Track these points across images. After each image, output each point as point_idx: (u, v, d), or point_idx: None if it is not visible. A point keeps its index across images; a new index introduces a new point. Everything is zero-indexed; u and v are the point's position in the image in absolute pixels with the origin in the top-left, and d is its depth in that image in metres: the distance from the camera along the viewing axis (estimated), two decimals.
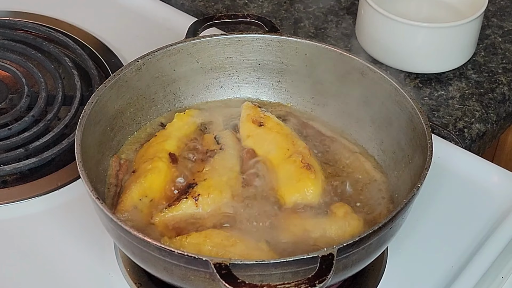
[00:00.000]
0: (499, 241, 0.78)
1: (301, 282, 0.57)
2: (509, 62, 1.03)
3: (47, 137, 0.86)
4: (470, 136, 0.93)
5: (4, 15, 1.05)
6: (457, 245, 0.78)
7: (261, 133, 0.79)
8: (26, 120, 0.88)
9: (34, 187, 0.82)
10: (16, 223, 0.79)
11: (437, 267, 0.76)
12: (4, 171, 0.83)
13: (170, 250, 0.60)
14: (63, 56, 0.98)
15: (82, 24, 1.05)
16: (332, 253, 0.59)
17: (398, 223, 0.66)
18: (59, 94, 0.91)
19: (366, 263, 0.66)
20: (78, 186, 0.82)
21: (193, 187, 0.73)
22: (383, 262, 0.76)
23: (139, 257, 0.65)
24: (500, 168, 0.87)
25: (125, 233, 0.63)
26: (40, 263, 0.75)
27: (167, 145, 0.78)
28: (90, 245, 0.77)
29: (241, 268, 0.59)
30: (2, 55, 0.98)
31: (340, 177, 0.77)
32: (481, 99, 0.97)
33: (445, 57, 1.00)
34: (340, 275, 0.64)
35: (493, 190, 0.84)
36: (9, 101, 0.93)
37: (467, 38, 1.00)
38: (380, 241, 0.64)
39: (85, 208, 0.78)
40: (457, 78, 1.00)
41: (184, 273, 0.62)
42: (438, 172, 0.83)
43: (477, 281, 0.74)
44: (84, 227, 0.78)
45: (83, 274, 0.75)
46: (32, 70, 0.95)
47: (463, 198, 0.84)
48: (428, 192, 0.80)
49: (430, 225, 0.80)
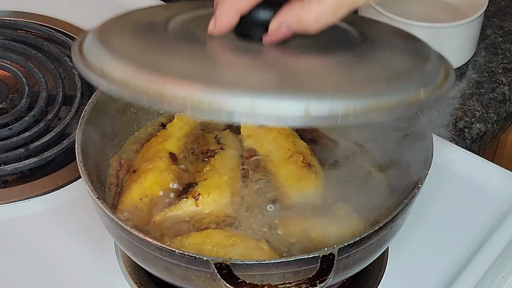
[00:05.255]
0: (500, 241, 0.78)
1: (301, 282, 0.57)
2: (509, 62, 1.03)
3: (48, 137, 0.86)
4: (470, 136, 0.93)
5: (4, 15, 1.05)
6: (458, 245, 0.78)
7: (262, 133, 0.79)
8: (26, 120, 0.88)
9: (34, 187, 0.82)
10: (16, 223, 0.79)
11: (437, 267, 0.76)
12: (5, 171, 0.83)
13: (171, 250, 0.60)
14: (63, 56, 0.98)
15: (82, 24, 1.05)
16: (333, 253, 0.59)
17: (399, 223, 0.66)
18: (60, 94, 0.91)
19: (366, 263, 0.66)
20: (79, 186, 0.82)
21: (193, 186, 0.73)
22: (384, 262, 0.76)
23: (139, 257, 0.65)
24: (501, 168, 0.87)
25: (125, 232, 0.63)
26: (40, 263, 0.75)
27: (167, 145, 0.78)
28: (91, 245, 0.77)
29: (241, 268, 0.59)
30: (3, 55, 0.98)
31: (341, 177, 0.77)
32: (481, 99, 0.97)
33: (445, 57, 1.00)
34: (341, 275, 0.64)
35: (493, 190, 0.84)
36: (9, 101, 0.93)
37: (467, 38, 1.00)
38: (381, 241, 0.65)
39: (86, 208, 0.78)
40: (458, 78, 1.01)
41: (184, 273, 0.62)
42: (438, 172, 0.83)
43: (477, 281, 0.74)
44: (84, 227, 0.78)
45: (83, 274, 0.75)
46: (32, 70, 0.95)
47: (463, 198, 0.84)
48: (429, 192, 0.80)
49: (430, 225, 0.80)
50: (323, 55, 0.59)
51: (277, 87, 0.52)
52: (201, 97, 0.51)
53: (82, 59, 0.57)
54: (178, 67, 0.54)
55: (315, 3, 0.55)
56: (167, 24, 0.62)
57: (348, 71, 0.57)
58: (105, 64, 0.55)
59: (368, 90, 0.54)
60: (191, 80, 0.51)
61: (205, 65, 0.54)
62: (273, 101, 0.51)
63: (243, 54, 0.58)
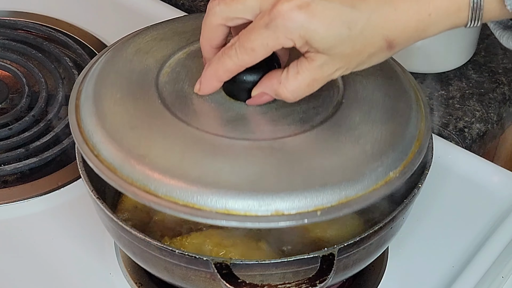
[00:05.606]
0: (500, 241, 0.78)
1: (301, 282, 0.57)
2: (509, 62, 1.03)
3: (48, 137, 0.86)
4: (470, 136, 0.93)
5: (4, 15, 1.05)
6: (458, 245, 0.78)
7: None
8: (26, 120, 0.88)
9: (34, 187, 0.82)
10: (16, 223, 0.79)
11: (437, 267, 0.76)
12: (5, 171, 0.83)
13: (171, 250, 0.60)
14: (63, 56, 0.98)
15: (82, 24, 1.05)
16: (333, 253, 0.59)
17: (399, 223, 0.66)
18: (60, 94, 0.91)
19: (366, 263, 0.66)
20: (79, 186, 0.82)
21: None
22: (384, 262, 0.76)
23: (139, 257, 0.65)
24: (501, 168, 0.87)
25: (125, 232, 0.63)
26: (40, 263, 0.75)
27: None
28: (91, 245, 0.77)
29: (241, 268, 0.59)
30: (3, 55, 0.98)
31: None
32: (481, 99, 0.97)
33: (445, 57, 1.00)
34: (341, 274, 0.64)
35: (493, 190, 0.84)
36: (9, 101, 0.93)
37: (467, 38, 1.00)
38: (381, 241, 0.65)
39: (86, 208, 0.78)
40: (458, 78, 1.01)
41: (184, 273, 0.62)
42: (438, 172, 0.83)
43: (477, 281, 0.74)
44: (84, 227, 0.78)
45: (83, 274, 0.75)
46: (32, 70, 0.95)
47: (463, 198, 0.84)
48: (429, 192, 0.80)
49: (430, 225, 0.80)
50: (300, 130, 0.62)
51: (249, 188, 0.57)
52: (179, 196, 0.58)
53: (78, 122, 0.65)
54: (160, 155, 0.59)
55: (292, 78, 0.59)
56: (159, 74, 0.67)
57: (321, 158, 0.60)
58: (96, 140, 0.62)
59: (336, 185, 0.58)
60: (172, 177, 0.58)
61: (184, 157, 0.59)
62: (246, 202, 0.56)
63: (225, 133, 0.62)
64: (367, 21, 0.56)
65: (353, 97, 0.66)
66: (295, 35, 0.57)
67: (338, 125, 0.63)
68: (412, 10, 0.57)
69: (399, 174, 0.61)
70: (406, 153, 0.63)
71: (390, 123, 0.64)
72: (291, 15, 0.56)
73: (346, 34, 0.57)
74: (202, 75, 0.63)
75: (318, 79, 0.59)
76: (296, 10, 0.56)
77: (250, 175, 0.58)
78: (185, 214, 0.57)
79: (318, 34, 0.56)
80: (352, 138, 0.62)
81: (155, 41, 0.71)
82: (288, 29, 0.56)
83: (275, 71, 0.61)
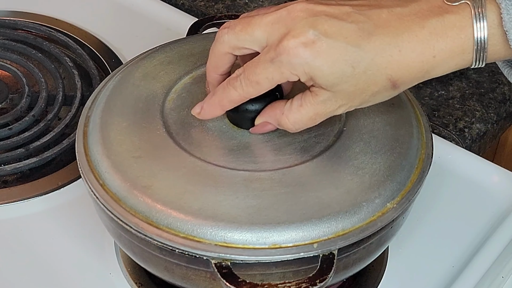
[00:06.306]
0: (500, 241, 0.78)
1: (301, 281, 0.57)
2: None
3: (48, 137, 0.86)
4: (470, 136, 0.93)
5: (4, 15, 1.05)
6: (458, 245, 0.78)
7: None
8: (26, 120, 0.88)
9: (34, 187, 0.82)
10: (16, 223, 0.79)
11: (437, 267, 0.76)
12: (5, 171, 0.83)
13: (171, 249, 0.60)
14: (63, 56, 0.98)
15: (82, 24, 1.05)
16: (333, 252, 0.59)
17: (399, 223, 0.66)
18: (60, 94, 0.91)
19: (366, 262, 0.66)
20: (79, 186, 0.82)
21: None
22: (384, 261, 0.76)
23: (139, 256, 0.65)
24: (501, 168, 0.87)
25: (125, 232, 0.63)
26: (40, 263, 0.75)
27: None
28: (91, 244, 0.77)
29: (242, 267, 0.59)
30: (3, 55, 0.98)
31: None
32: (481, 99, 0.97)
33: None
34: (341, 274, 0.64)
35: (493, 190, 0.84)
36: (9, 101, 0.93)
37: None
38: (381, 240, 0.65)
39: (86, 208, 0.78)
40: (458, 78, 1.01)
41: (184, 272, 0.62)
42: (438, 172, 0.83)
43: (477, 281, 0.74)
44: (84, 227, 0.78)
45: (83, 273, 0.75)
46: (32, 70, 0.95)
47: (463, 198, 0.84)
48: (429, 192, 0.80)
49: (430, 225, 0.80)
50: (300, 160, 0.64)
51: (248, 221, 0.59)
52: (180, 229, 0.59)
53: (85, 150, 0.66)
54: (163, 187, 0.61)
55: (295, 110, 0.61)
56: (165, 101, 0.69)
57: (319, 190, 0.61)
58: (101, 170, 0.64)
59: (333, 217, 0.59)
60: (173, 209, 0.59)
61: (186, 189, 0.61)
62: (244, 235, 0.58)
63: (227, 163, 0.63)
64: (371, 61, 0.57)
65: (354, 125, 0.67)
66: (299, 71, 0.58)
67: (338, 155, 0.64)
68: (416, 52, 0.57)
69: (397, 205, 0.62)
70: (404, 184, 0.64)
71: (389, 153, 0.65)
72: (296, 52, 0.57)
73: (350, 73, 0.57)
74: (205, 101, 0.64)
75: (321, 114, 0.61)
76: (301, 47, 0.57)
77: (249, 207, 0.59)
78: (185, 247, 0.59)
79: (321, 71, 0.57)
80: (351, 169, 0.63)
81: (162, 65, 0.73)
82: (292, 65, 0.58)
83: (279, 102, 0.63)
